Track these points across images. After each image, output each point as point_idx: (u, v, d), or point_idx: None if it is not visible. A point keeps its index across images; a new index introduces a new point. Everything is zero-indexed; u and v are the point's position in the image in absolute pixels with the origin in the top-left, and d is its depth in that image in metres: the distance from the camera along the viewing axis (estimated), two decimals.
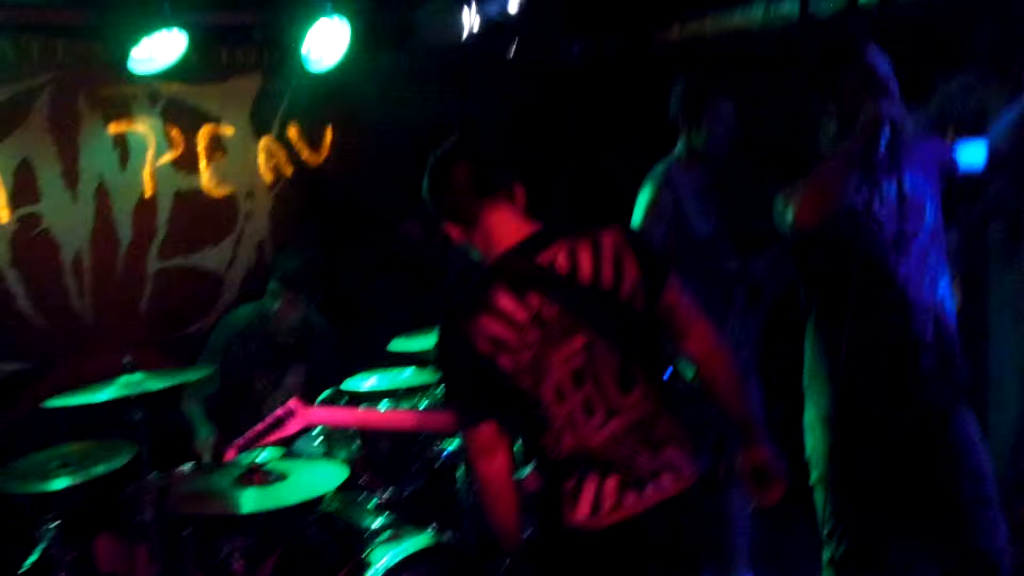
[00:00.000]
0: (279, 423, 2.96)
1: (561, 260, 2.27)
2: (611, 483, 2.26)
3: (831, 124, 2.93)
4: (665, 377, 2.52)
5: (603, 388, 2.27)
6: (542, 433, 2.28)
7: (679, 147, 3.86)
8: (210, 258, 4.73)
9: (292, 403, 3.00)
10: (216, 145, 4.77)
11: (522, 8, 4.61)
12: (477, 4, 4.63)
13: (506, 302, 2.23)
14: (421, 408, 3.69)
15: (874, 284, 2.86)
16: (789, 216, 2.80)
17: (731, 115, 3.80)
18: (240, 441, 3.01)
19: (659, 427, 2.31)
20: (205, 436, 4.09)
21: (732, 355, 2.48)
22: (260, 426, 3.01)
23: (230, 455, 3.00)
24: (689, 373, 2.92)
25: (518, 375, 2.24)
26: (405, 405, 3.76)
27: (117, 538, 3.51)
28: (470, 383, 2.28)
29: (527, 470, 2.39)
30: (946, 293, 2.98)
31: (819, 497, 3.04)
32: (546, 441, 2.29)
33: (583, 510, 2.26)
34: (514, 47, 5.11)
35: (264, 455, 3.46)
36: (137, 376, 3.40)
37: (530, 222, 2.37)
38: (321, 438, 3.73)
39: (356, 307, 4.89)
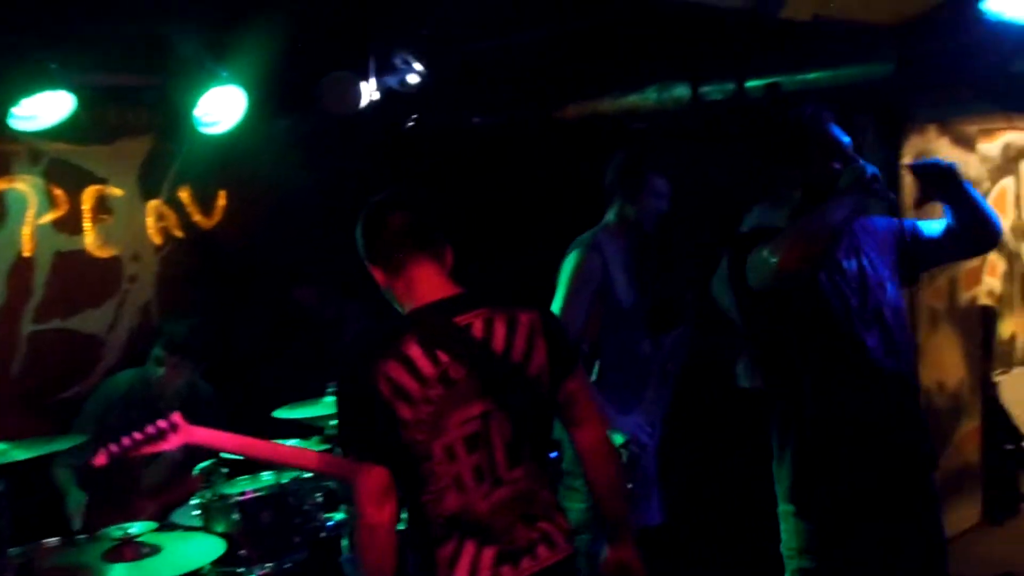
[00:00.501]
0: (160, 435, 2.80)
1: (477, 326, 2.30)
2: (488, 554, 2.26)
3: (795, 194, 3.07)
4: (552, 456, 2.59)
5: (493, 458, 2.28)
6: (424, 489, 2.27)
7: (610, 215, 3.97)
8: (91, 321, 4.58)
9: (176, 417, 2.84)
10: (102, 206, 4.66)
11: (422, 81, 4.67)
12: (376, 76, 4.67)
13: (416, 352, 2.24)
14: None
15: (842, 354, 2.99)
16: (772, 261, 2.88)
17: (666, 191, 3.94)
18: (114, 447, 2.78)
19: (538, 502, 2.35)
20: (76, 502, 3.92)
21: (615, 454, 2.63)
22: (139, 435, 2.80)
23: (100, 460, 2.77)
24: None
25: (413, 426, 2.22)
26: (287, 477, 3.69)
27: None
28: (367, 423, 2.25)
29: None
30: (911, 368, 3.14)
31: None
32: (426, 498, 2.27)
33: None
34: (413, 117, 5.17)
35: (136, 528, 3.31)
36: (1, 446, 3.24)
37: (454, 285, 2.40)
38: (199, 510, 3.60)
39: (244, 374, 4.78)
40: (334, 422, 3.76)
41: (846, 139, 3.07)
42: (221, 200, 5.11)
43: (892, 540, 3.04)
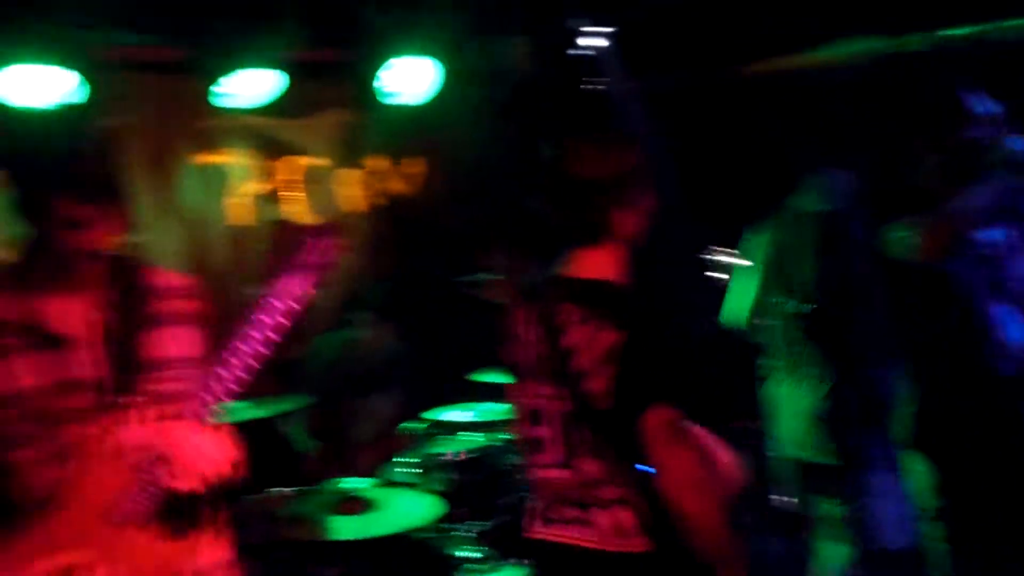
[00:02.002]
0: None
1: (567, 318, 2.26)
2: (537, 511, 2.36)
3: (933, 158, 2.92)
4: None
5: (550, 438, 2.29)
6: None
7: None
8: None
9: None
10: (303, 177, 4.84)
11: (607, 42, 4.63)
12: (561, 39, 4.66)
13: (532, 316, 2.28)
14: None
15: (966, 324, 2.90)
16: (916, 244, 2.82)
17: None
18: None
19: (594, 494, 2.26)
20: (303, 455, 4.12)
21: (702, 500, 2.28)
22: None
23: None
24: None
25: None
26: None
27: None
28: None
29: None
30: None
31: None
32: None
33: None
34: (601, 79, 5.12)
35: (360, 483, 3.45)
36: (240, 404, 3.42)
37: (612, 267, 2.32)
38: (414, 468, 3.72)
39: (439, 338, 4.89)
40: None
41: (995, 108, 2.89)
42: (416, 169, 5.23)
43: None
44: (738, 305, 3.63)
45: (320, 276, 2.05)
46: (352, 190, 5.00)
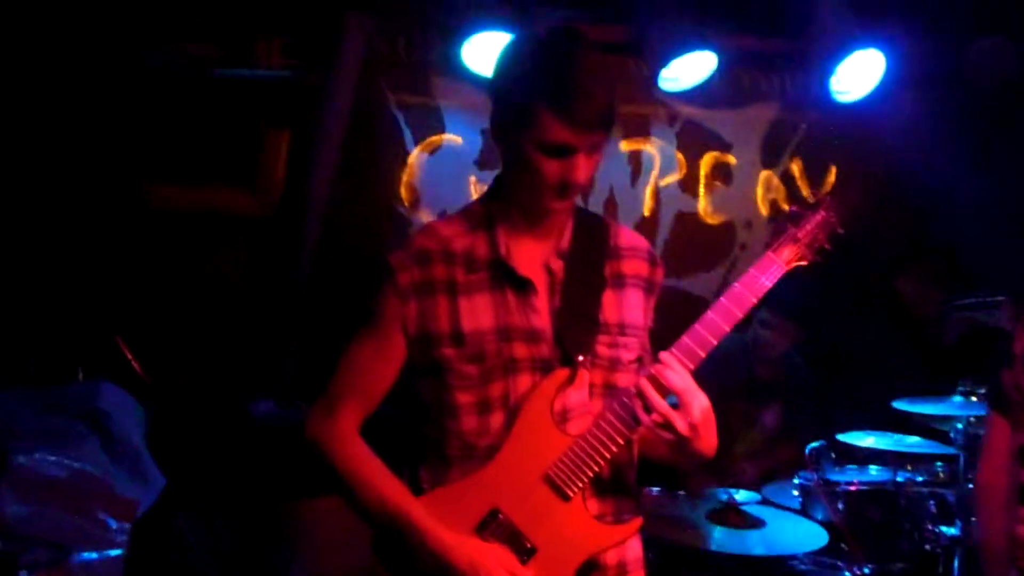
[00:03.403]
0: None
1: None
2: None
3: None
4: None
5: None
6: None
7: None
8: (700, 283, 4.65)
9: None
10: (718, 172, 4.70)
11: None
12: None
13: None
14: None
15: None
16: None
17: None
18: None
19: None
20: None
21: None
22: None
23: None
24: None
25: None
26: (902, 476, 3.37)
27: None
28: None
29: None
30: None
31: None
32: None
33: None
34: None
35: (741, 495, 3.27)
36: None
37: None
38: (799, 491, 3.46)
39: (840, 355, 4.53)
40: (960, 424, 3.38)
41: None
42: (831, 175, 4.90)
43: None
44: None
45: (804, 256, 1.91)
46: (763, 191, 4.77)
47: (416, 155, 4.15)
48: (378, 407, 1.95)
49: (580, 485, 1.82)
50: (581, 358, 1.85)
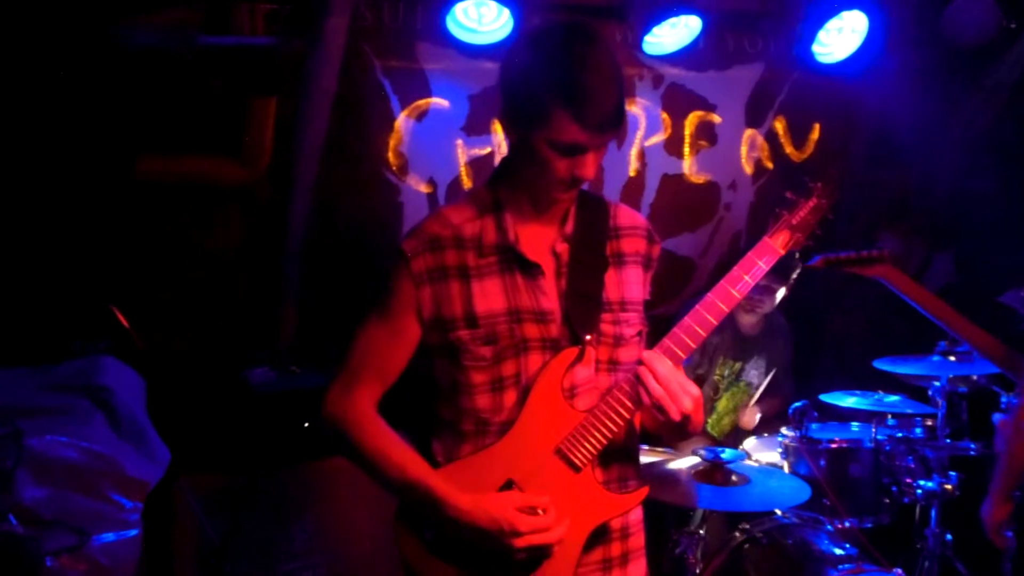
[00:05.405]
0: (868, 260, 3.13)
1: None
2: None
3: None
4: None
5: None
6: None
7: None
8: (685, 244, 4.72)
9: (886, 253, 3.13)
10: (703, 132, 4.73)
11: None
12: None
13: None
14: None
15: None
16: None
17: None
18: (830, 255, 3.13)
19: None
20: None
21: None
22: (852, 254, 3.14)
23: (818, 263, 3.15)
24: None
25: None
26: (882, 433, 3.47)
27: None
28: None
29: None
30: None
31: None
32: None
33: None
34: None
35: (727, 454, 3.36)
36: None
37: None
38: (783, 448, 3.56)
39: (823, 314, 4.63)
40: (938, 383, 3.48)
41: None
42: (815, 133, 4.94)
43: None
44: None
45: (798, 241, 2.00)
46: (746, 150, 4.81)
47: (403, 120, 4.16)
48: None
49: (589, 457, 1.92)
50: (588, 337, 1.94)
